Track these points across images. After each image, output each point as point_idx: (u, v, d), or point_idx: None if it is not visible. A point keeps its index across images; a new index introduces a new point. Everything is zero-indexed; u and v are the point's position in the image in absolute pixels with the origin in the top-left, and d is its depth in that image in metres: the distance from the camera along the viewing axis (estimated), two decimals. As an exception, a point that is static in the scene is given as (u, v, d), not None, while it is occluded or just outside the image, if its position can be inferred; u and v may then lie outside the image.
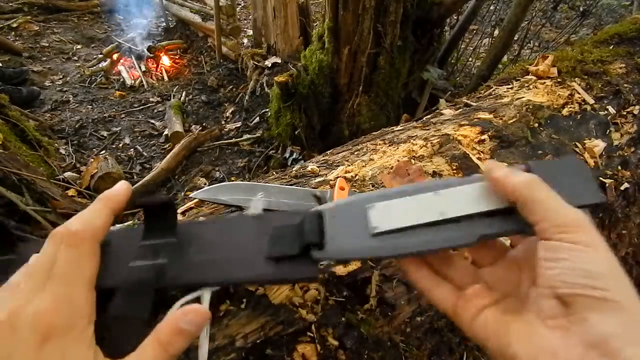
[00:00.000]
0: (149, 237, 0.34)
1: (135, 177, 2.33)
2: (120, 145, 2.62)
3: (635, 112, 0.96)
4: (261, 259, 0.32)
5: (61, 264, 0.28)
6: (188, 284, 0.32)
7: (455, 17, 2.61)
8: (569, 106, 0.92)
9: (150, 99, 3.09)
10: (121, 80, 3.28)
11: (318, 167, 0.71)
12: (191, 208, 0.59)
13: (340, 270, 0.51)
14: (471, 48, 3.03)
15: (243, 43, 3.63)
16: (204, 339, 0.31)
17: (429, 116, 0.95)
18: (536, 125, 0.85)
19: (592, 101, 0.94)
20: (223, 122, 2.84)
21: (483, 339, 0.29)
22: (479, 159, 0.75)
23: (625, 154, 0.89)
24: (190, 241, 0.34)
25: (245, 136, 2.62)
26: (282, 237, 0.33)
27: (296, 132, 2.20)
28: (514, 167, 0.32)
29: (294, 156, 2.27)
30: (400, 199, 0.32)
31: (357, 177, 0.66)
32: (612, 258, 0.25)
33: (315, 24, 3.00)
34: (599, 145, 0.85)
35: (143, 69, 3.42)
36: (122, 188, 0.34)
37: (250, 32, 3.39)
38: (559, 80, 1.00)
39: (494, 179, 0.30)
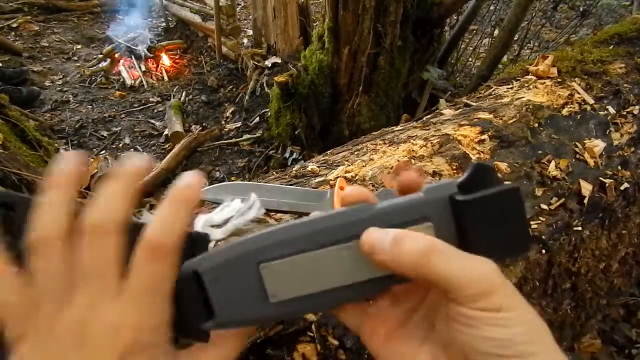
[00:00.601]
0: None
1: (135, 177, 2.33)
2: (120, 145, 2.62)
3: (635, 112, 0.96)
4: None
5: (144, 277, 0.24)
6: None
7: (455, 17, 2.61)
8: (569, 106, 0.92)
9: (150, 99, 3.09)
10: (121, 80, 3.28)
11: (318, 167, 0.71)
12: (191, 208, 0.59)
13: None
14: (471, 48, 3.03)
15: (243, 43, 3.63)
16: None
17: (429, 116, 0.95)
18: (536, 125, 0.85)
19: (592, 101, 0.94)
20: (223, 122, 2.84)
21: None
22: (479, 158, 0.75)
23: (625, 154, 0.89)
24: None
25: (245, 136, 2.62)
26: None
27: (296, 132, 2.20)
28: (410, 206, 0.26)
29: (294, 156, 2.27)
30: (293, 258, 0.25)
31: (357, 177, 0.66)
32: (529, 318, 0.23)
33: (315, 24, 3.00)
34: (599, 145, 0.85)
35: (143, 69, 3.42)
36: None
37: (250, 32, 3.39)
38: (559, 80, 1.00)
39: (371, 251, 0.24)
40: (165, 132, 2.69)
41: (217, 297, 0.26)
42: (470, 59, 3.02)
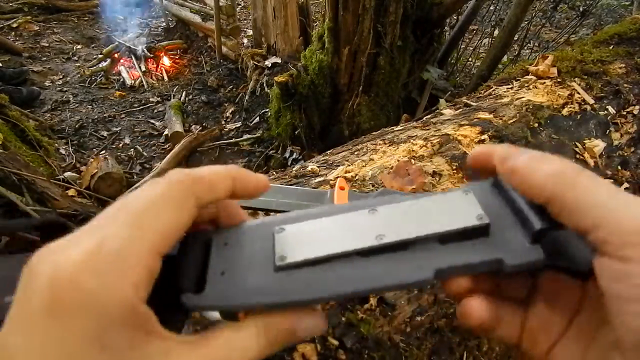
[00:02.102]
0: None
1: (135, 177, 2.33)
2: (120, 145, 2.62)
3: (635, 112, 0.96)
4: None
5: (136, 199, 0.20)
6: None
7: (455, 17, 2.61)
8: (569, 106, 0.92)
9: (150, 99, 3.09)
10: (121, 80, 3.28)
11: (318, 167, 0.71)
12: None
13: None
14: (471, 48, 3.03)
15: (243, 43, 3.63)
16: None
17: (429, 116, 0.95)
18: (536, 125, 0.85)
19: (592, 101, 0.94)
20: (223, 122, 2.84)
21: None
22: (479, 159, 0.75)
23: (625, 154, 0.89)
24: None
25: (245, 136, 2.62)
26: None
27: (296, 132, 2.20)
28: (533, 152, 0.22)
29: (294, 156, 2.27)
30: (322, 219, 0.23)
31: (357, 177, 0.66)
32: None
33: (315, 24, 3.00)
34: (599, 145, 0.85)
35: (143, 69, 3.42)
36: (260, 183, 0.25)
37: (250, 32, 3.39)
38: (559, 80, 1.00)
39: (511, 170, 0.21)
40: (165, 132, 2.69)
41: (217, 265, 0.22)
42: (470, 59, 3.02)
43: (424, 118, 0.94)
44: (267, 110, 2.61)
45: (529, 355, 0.24)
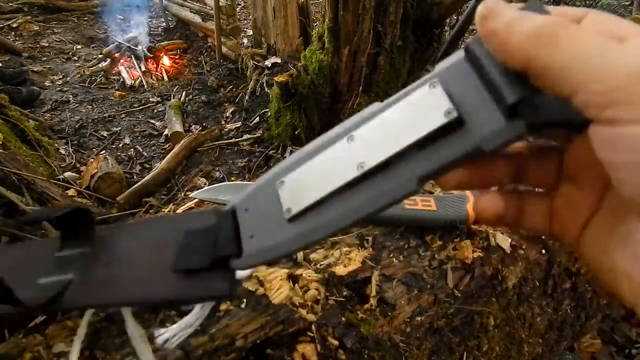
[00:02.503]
0: (65, 247, 0.29)
1: (135, 177, 2.33)
2: (120, 145, 2.62)
3: (635, 112, 0.96)
4: (167, 274, 0.26)
5: None
6: (89, 305, 0.28)
7: (455, 17, 2.61)
8: (568, 106, 0.92)
9: (150, 99, 3.09)
10: (121, 80, 3.28)
11: (318, 167, 0.71)
12: (191, 208, 0.59)
13: (340, 270, 0.51)
14: (471, 48, 3.03)
15: (243, 43, 3.63)
16: (143, 346, 0.29)
17: (429, 116, 0.95)
18: (536, 125, 0.85)
19: (592, 101, 0.94)
20: (223, 122, 2.84)
21: (594, 263, 0.21)
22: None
23: (625, 154, 0.89)
24: (106, 250, 0.29)
25: (245, 136, 2.62)
26: (192, 246, 0.27)
27: (296, 132, 2.20)
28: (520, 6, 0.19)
29: (294, 156, 2.27)
30: (309, 162, 0.25)
31: (357, 177, 0.66)
32: None
33: (315, 24, 3.00)
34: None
35: (143, 69, 3.42)
36: None
37: (250, 32, 3.39)
38: (559, 80, 1.00)
39: (491, 32, 0.18)
40: (165, 132, 2.69)
41: (246, 229, 0.26)
42: (470, 59, 3.01)
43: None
44: (267, 110, 2.61)
45: (561, 241, 0.23)
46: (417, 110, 0.22)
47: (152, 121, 2.86)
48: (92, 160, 2.20)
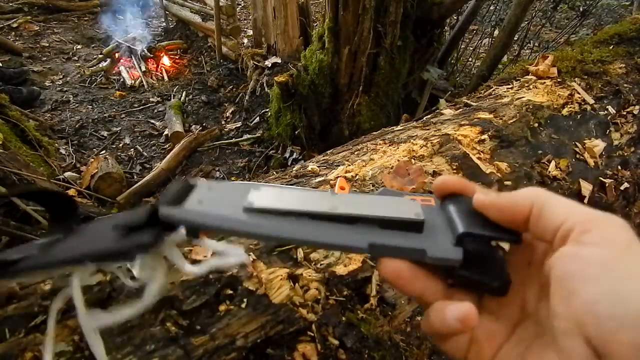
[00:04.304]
0: (49, 234, 0.30)
1: (135, 177, 2.33)
2: (121, 145, 2.62)
3: (635, 112, 0.96)
4: (109, 234, 0.27)
5: None
6: (37, 266, 0.28)
7: (455, 17, 2.61)
8: (569, 106, 0.92)
9: (150, 99, 3.09)
10: (121, 80, 3.29)
11: (318, 166, 0.71)
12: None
13: (340, 269, 0.51)
14: (471, 48, 3.03)
15: (243, 43, 3.63)
16: (95, 339, 0.28)
17: (429, 116, 0.95)
18: (536, 125, 0.85)
19: (592, 101, 0.94)
20: (223, 122, 2.85)
21: None
22: (479, 158, 0.75)
23: (625, 154, 0.89)
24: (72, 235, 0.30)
25: (245, 136, 2.62)
26: (139, 210, 0.28)
27: (296, 132, 2.20)
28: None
29: (294, 156, 2.27)
30: (293, 189, 0.29)
31: (357, 177, 0.66)
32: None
33: (315, 24, 3.00)
34: (599, 145, 0.85)
35: (143, 69, 3.42)
36: None
37: (250, 32, 3.39)
38: (559, 80, 1.00)
39: (491, 202, 0.26)
40: (165, 132, 2.69)
41: (197, 197, 0.27)
42: (470, 59, 3.02)
43: (424, 118, 0.94)
44: (267, 110, 2.61)
45: None
46: (396, 205, 0.28)
47: (152, 121, 2.86)
48: (93, 160, 2.20)
